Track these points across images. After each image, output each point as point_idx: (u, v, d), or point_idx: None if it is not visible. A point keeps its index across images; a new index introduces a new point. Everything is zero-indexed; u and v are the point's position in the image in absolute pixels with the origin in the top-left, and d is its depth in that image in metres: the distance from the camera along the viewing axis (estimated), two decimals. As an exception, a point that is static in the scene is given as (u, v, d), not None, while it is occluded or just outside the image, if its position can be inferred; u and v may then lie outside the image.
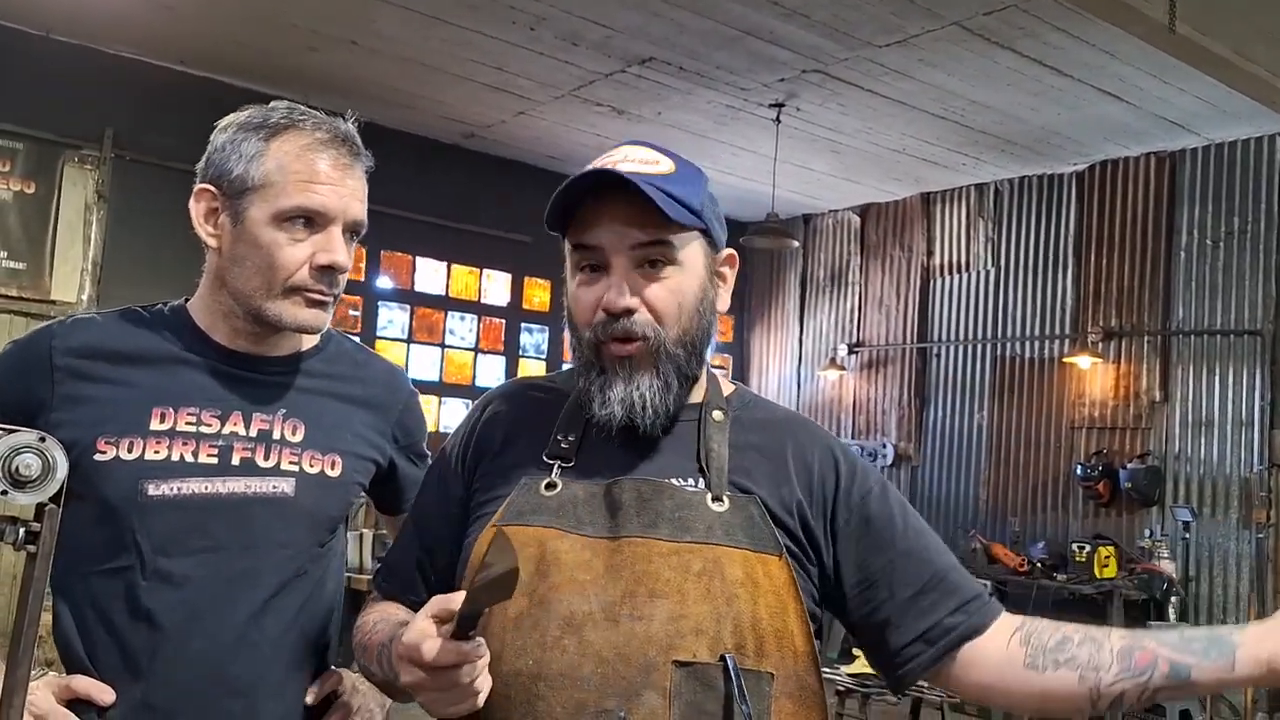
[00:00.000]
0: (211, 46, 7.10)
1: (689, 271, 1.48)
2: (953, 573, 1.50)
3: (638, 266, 1.45)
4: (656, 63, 6.86)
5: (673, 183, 1.45)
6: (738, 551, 1.40)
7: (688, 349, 1.48)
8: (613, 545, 1.41)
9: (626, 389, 1.45)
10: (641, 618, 1.36)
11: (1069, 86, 6.81)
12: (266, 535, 1.67)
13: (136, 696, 1.59)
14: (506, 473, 1.52)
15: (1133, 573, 7.51)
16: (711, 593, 1.37)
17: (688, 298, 1.47)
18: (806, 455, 1.53)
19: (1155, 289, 7.98)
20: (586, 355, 1.48)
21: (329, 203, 1.64)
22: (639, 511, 1.42)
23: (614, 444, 1.49)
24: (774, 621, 1.39)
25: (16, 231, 6.99)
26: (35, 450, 0.97)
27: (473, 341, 9.22)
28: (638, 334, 1.44)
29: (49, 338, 1.69)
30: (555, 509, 1.45)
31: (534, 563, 1.40)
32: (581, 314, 1.49)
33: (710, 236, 1.51)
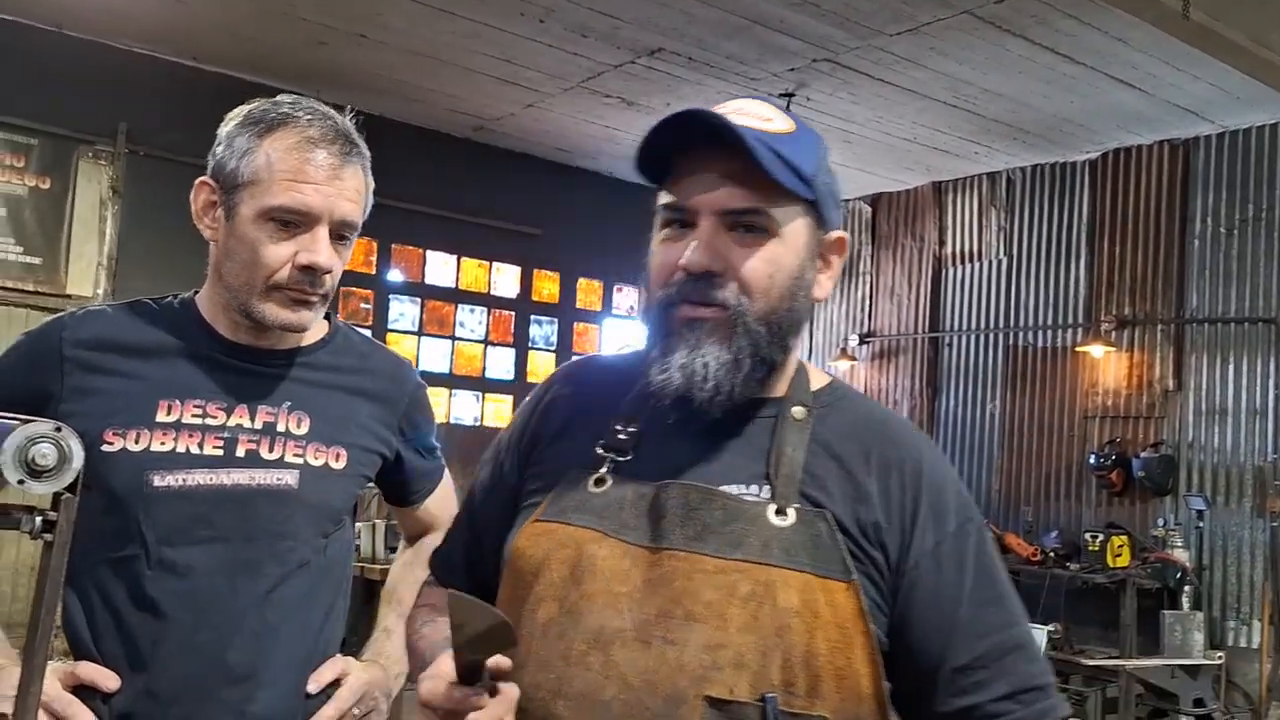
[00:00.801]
0: (223, 41, 7.11)
1: (789, 246, 1.30)
2: (1015, 654, 1.28)
3: (730, 229, 1.28)
4: (666, 53, 6.86)
5: (786, 143, 1.28)
6: (796, 575, 1.21)
7: (770, 329, 1.30)
8: (654, 557, 1.25)
9: (690, 355, 1.28)
10: (674, 642, 1.20)
11: (1081, 74, 6.78)
12: (270, 527, 1.69)
13: (140, 684, 1.61)
14: (559, 462, 1.39)
15: (1146, 562, 7.48)
16: (759, 621, 1.20)
17: (782, 273, 1.30)
18: (892, 471, 1.31)
19: (1169, 277, 7.95)
20: (656, 316, 1.32)
21: (313, 202, 1.64)
22: (684, 521, 1.25)
23: (678, 438, 1.33)
24: (834, 658, 1.20)
25: (32, 226, 7.02)
26: (51, 440, 0.98)
27: (483, 334, 9.22)
28: (714, 299, 1.28)
29: (59, 329, 1.71)
30: (600, 509, 1.30)
31: (569, 566, 1.27)
32: (659, 272, 1.32)
33: (820, 211, 1.34)
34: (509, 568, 1.34)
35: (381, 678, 1.82)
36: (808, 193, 1.30)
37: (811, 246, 1.34)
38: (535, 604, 1.27)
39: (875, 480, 1.30)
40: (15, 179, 6.98)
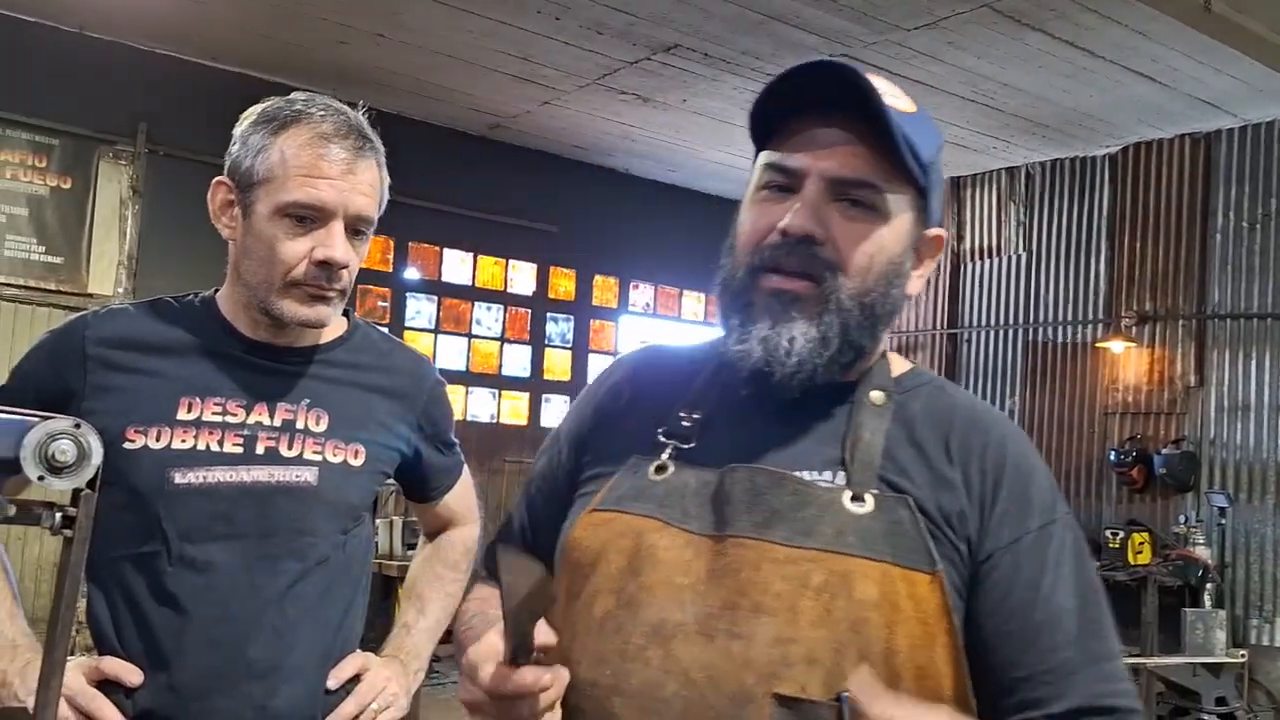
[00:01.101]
0: (241, 41, 7.14)
1: (894, 231, 1.22)
2: (1091, 669, 1.15)
3: (836, 200, 1.19)
4: (681, 50, 6.85)
5: (909, 123, 1.19)
6: (875, 565, 1.12)
7: (863, 310, 1.21)
8: (718, 545, 1.17)
9: (775, 328, 1.19)
10: (741, 636, 1.12)
11: (1101, 68, 6.74)
12: (289, 523, 1.70)
13: (162, 679, 1.63)
14: (618, 449, 1.30)
15: (1167, 559, 7.45)
16: (833, 614, 1.11)
17: (884, 252, 1.21)
18: (973, 459, 1.22)
19: (1190, 272, 7.91)
20: (739, 284, 1.23)
21: (328, 197, 1.64)
22: (751, 507, 1.17)
23: (746, 424, 1.25)
24: (915, 655, 1.11)
25: (54, 226, 7.06)
26: (71, 436, 0.98)
27: (499, 331, 9.23)
28: (808, 268, 1.19)
29: (82, 327, 1.72)
30: (661, 497, 1.22)
31: (627, 556, 1.19)
32: (748, 236, 1.23)
33: (927, 203, 1.25)
34: (564, 559, 1.26)
35: (401, 673, 1.83)
36: (923, 179, 1.22)
37: (913, 238, 1.25)
38: (591, 597, 1.20)
39: (957, 468, 1.21)
40: (37, 179, 7.02)
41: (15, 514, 0.98)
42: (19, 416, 0.97)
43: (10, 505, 0.97)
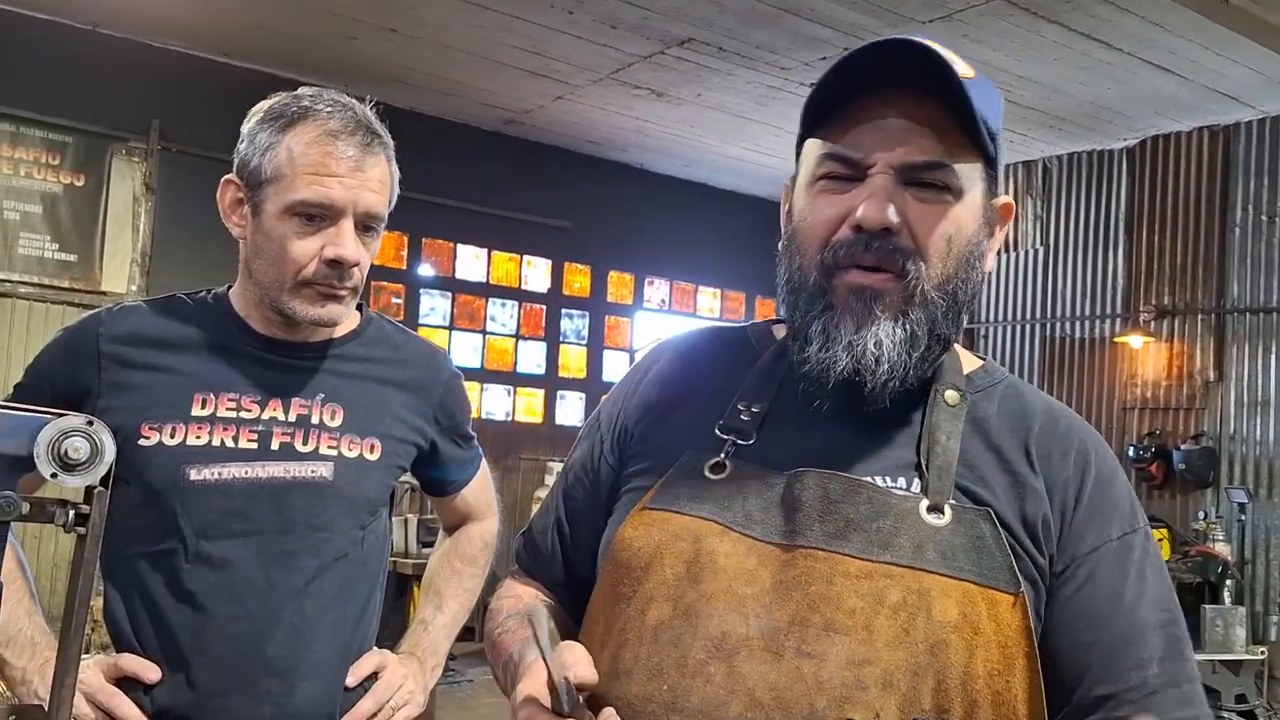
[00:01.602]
0: (254, 37, 7.15)
1: (968, 209, 1.14)
2: (1169, 691, 1.09)
3: (907, 185, 1.12)
4: (695, 43, 6.84)
5: (976, 91, 1.10)
6: (956, 583, 1.05)
7: (949, 301, 1.14)
8: (786, 556, 1.09)
9: (861, 331, 1.11)
10: (811, 655, 1.04)
11: (1118, 60, 6.71)
12: (305, 519, 1.69)
13: (180, 676, 1.63)
14: (669, 442, 1.22)
15: (1187, 555, 7.42)
16: (911, 635, 1.03)
17: (961, 238, 1.14)
18: (1054, 464, 1.16)
19: (1209, 266, 7.88)
20: (814, 284, 1.15)
21: (336, 195, 1.63)
22: (823, 515, 1.09)
23: (812, 422, 1.17)
24: (994, 682, 1.04)
25: (67, 224, 7.09)
26: (84, 434, 0.97)
27: (513, 328, 9.25)
28: (894, 263, 1.11)
29: (96, 325, 1.72)
30: (721, 498, 1.14)
31: (684, 562, 1.11)
32: (814, 230, 1.15)
33: (994, 173, 1.18)
34: (610, 560, 1.17)
35: (418, 671, 1.83)
36: (993, 150, 1.15)
37: (986, 212, 1.18)
38: (644, 603, 1.11)
39: (1039, 473, 1.15)
40: (50, 176, 7.04)
41: (29, 511, 0.98)
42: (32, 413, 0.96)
43: (24, 503, 0.97)
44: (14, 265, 6.91)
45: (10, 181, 6.91)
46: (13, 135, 6.91)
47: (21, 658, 1.62)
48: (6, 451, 0.96)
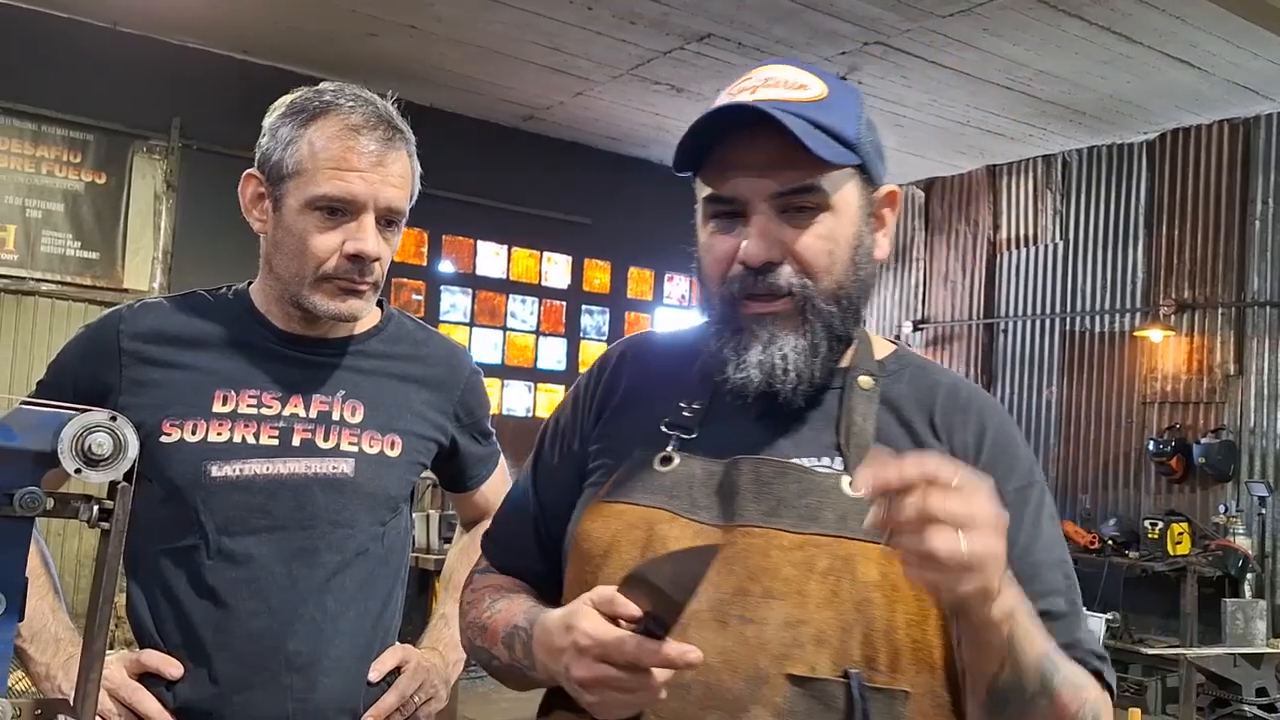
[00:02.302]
0: (274, 34, 7.17)
1: (843, 215, 1.27)
2: (1065, 619, 1.23)
3: (782, 212, 1.24)
4: (715, 39, 6.83)
5: (824, 111, 1.24)
6: (876, 547, 1.16)
7: (841, 305, 1.27)
8: (727, 534, 1.22)
9: (767, 351, 1.25)
10: (753, 620, 1.17)
11: (1138, 53, 6.67)
12: (326, 515, 1.70)
13: (203, 672, 1.64)
14: (622, 439, 1.35)
15: (1207, 550, 7.39)
16: (839, 595, 1.17)
17: (840, 244, 1.26)
18: (956, 432, 1.30)
19: (1229, 260, 7.83)
20: (720, 312, 1.29)
21: (358, 190, 1.64)
22: (757, 496, 1.23)
23: (745, 414, 1.30)
24: (912, 631, 1.17)
25: (89, 222, 7.13)
26: (107, 429, 0.98)
27: (534, 324, 9.25)
28: (782, 289, 1.25)
29: (117, 322, 1.73)
30: (669, 488, 1.27)
31: (639, 547, 1.24)
32: (714, 267, 1.29)
33: (867, 171, 1.30)
34: (574, 550, 1.30)
35: (440, 665, 1.83)
36: (853, 158, 1.26)
37: (865, 208, 1.30)
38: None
39: (944, 442, 1.28)
40: (72, 174, 7.08)
41: (53, 507, 0.99)
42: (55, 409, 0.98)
43: (49, 498, 0.98)
44: (36, 263, 6.96)
45: (32, 180, 6.95)
46: (35, 134, 6.95)
47: (45, 653, 1.63)
48: (31, 447, 0.97)
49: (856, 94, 1.33)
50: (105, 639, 1.01)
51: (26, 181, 6.93)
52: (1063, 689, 1.14)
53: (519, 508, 1.49)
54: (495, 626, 1.34)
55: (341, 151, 1.63)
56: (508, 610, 1.35)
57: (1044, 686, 1.12)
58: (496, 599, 1.40)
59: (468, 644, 1.44)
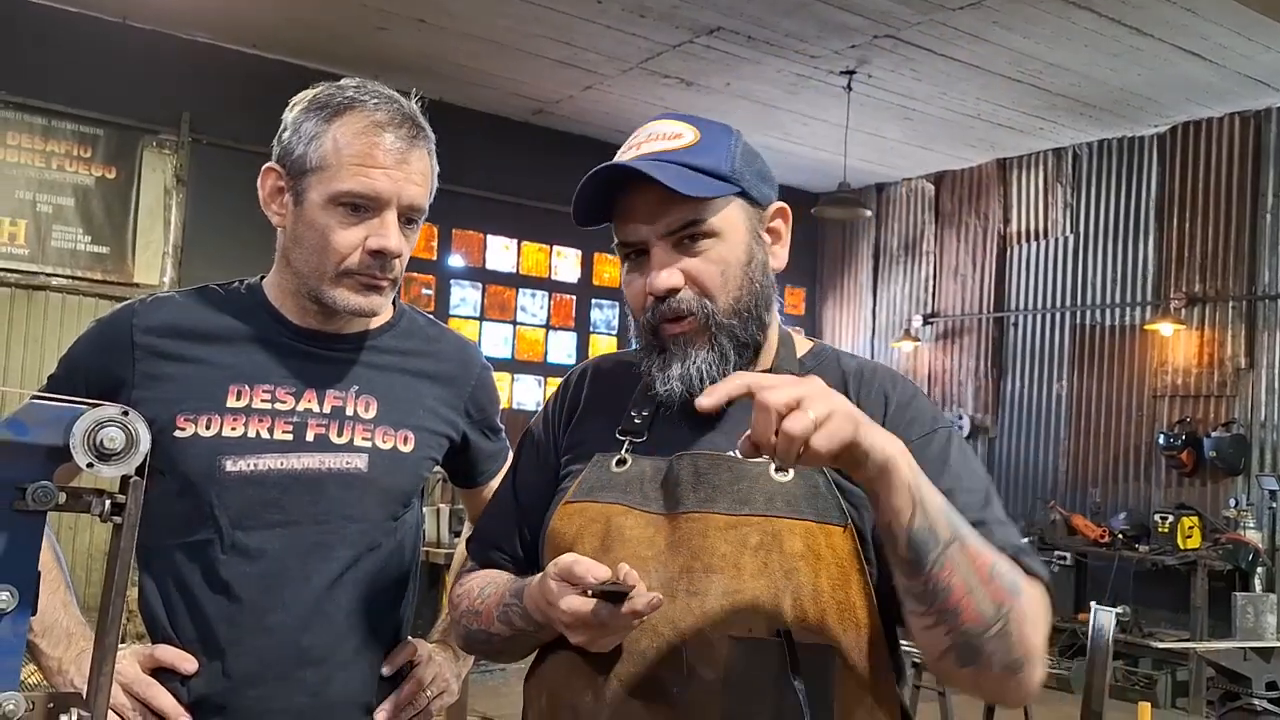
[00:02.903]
0: (283, 29, 7.19)
1: (729, 238, 1.45)
2: (984, 529, 1.33)
3: (676, 246, 1.44)
4: (724, 32, 6.82)
5: (696, 154, 1.43)
6: (799, 523, 1.36)
7: (742, 316, 1.46)
8: (672, 521, 1.41)
9: (684, 365, 1.44)
10: (697, 593, 1.35)
11: (1149, 46, 6.66)
12: (340, 510, 1.70)
13: (217, 666, 1.64)
14: (584, 449, 1.54)
15: (1217, 543, 7.38)
16: (769, 566, 1.34)
17: (731, 265, 1.45)
18: (864, 405, 1.41)
19: (1240, 253, 7.81)
20: (646, 338, 1.49)
21: (382, 187, 1.63)
22: (695, 486, 1.41)
23: (683, 417, 1.46)
24: (836, 594, 1.35)
25: (99, 216, 7.15)
26: (119, 424, 0.98)
27: (544, 318, 9.27)
28: (684, 311, 1.44)
29: (130, 316, 1.73)
30: (623, 485, 1.46)
31: (599, 538, 1.42)
32: (634, 300, 1.49)
33: (748, 195, 1.48)
34: (548, 547, 1.49)
35: (452, 659, 1.83)
36: (728, 189, 1.44)
37: (752, 228, 1.48)
38: None
39: None
40: (82, 169, 7.10)
41: (65, 501, 0.99)
42: (67, 404, 0.98)
43: (60, 493, 0.98)
44: (47, 258, 6.98)
45: (43, 175, 6.98)
46: (45, 128, 6.97)
47: (57, 648, 1.63)
48: (43, 442, 0.97)
49: (730, 132, 1.51)
50: (117, 633, 1.01)
51: (37, 176, 6.95)
52: (970, 539, 1.26)
53: (502, 512, 1.66)
54: (488, 609, 1.50)
55: (366, 148, 1.63)
56: (496, 592, 1.51)
57: (955, 534, 1.24)
58: (485, 586, 1.55)
59: (463, 633, 1.58)
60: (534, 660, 1.52)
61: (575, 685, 1.39)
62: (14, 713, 0.96)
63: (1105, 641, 3.97)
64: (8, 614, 0.97)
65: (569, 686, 1.40)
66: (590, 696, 1.37)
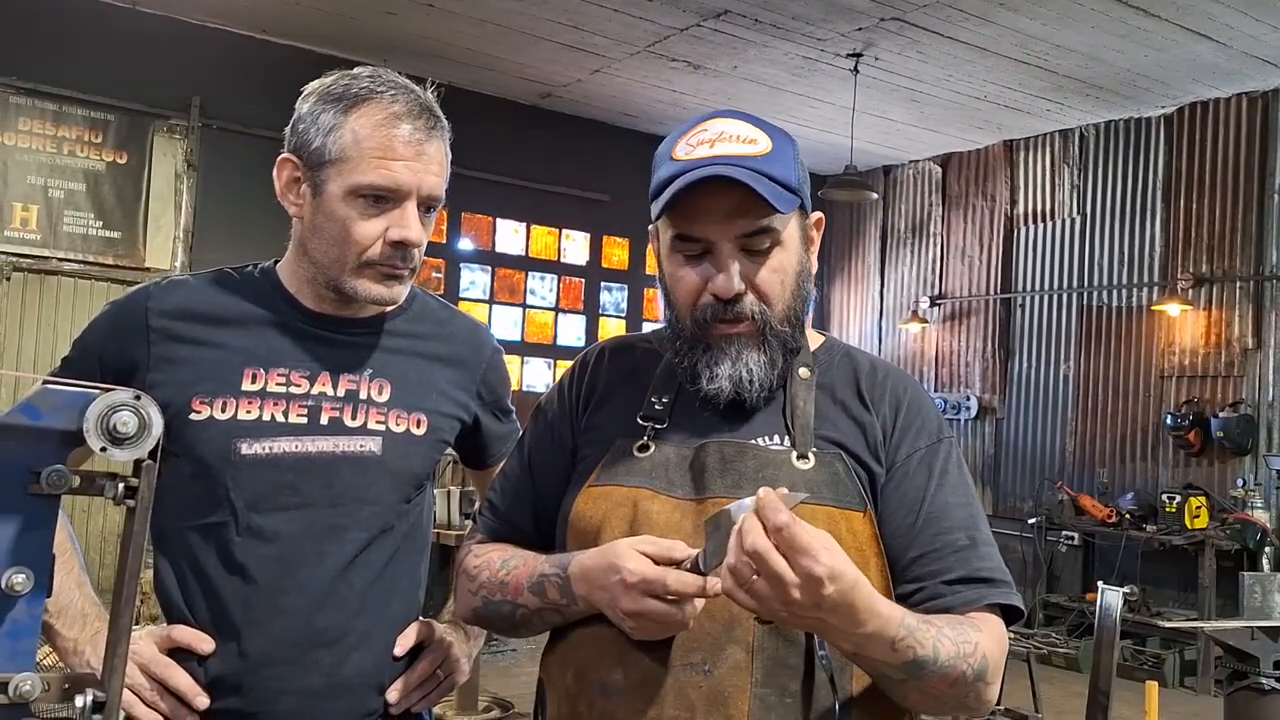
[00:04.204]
0: (292, 13, 7.19)
1: (789, 248, 1.49)
2: (969, 549, 1.45)
3: (742, 250, 1.46)
4: (731, 15, 6.81)
5: (772, 163, 1.45)
6: (821, 509, 1.40)
7: (792, 323, 1.51)
8: (699, 506, 1.43)
9: (735, 366, 1.47)
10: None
11: (1156, 27, 6.63)
12: (354, 492, 1.71)
13: (233, 647, 1.65)
14: (604, 429, 1.57)
15: (1225, 523, 7.38)
16: None
17: (790, 275, 1.50)
18: (878, 402, 1.54)
19: (1247, 233, 7.78)
20: (690, 333, 1.50)
21: (402, 178, 1.64)
22: (722, 473, 1.45)
23: (704, 406, 1.51)
24: None
25: (111, 201, 7.17)
26: (131, 408, 0.99)
27: (553, 301, 9.27)
28: (746, 315, 1.47)
29: (144, 299, 1.73)
30: (648, 470, 1.49)
31: (627, 522, 1.45)
32: (684, 295, 1.50)
33: (803, 205, 1.52)
34: (571, 530, 1.51)
35: (463, 640, 1.84)
36: (797, 201, 1.47)
37: (804, 237, 1.54)
38: None
39: (870, 410, 1.53)
40: (94, 154, 7.12)
41: (79, 485, 0.99)
42: (80, 389, 0.99)
43: (74, 476, 0.99)
44: (59, 243, 7.01)
45: (54, 160, 7.00)
46: (56, 114, 6.99)
47: (73, 629, 1.64)
48: (57, 426, 0.97)
49: (793, 142, 1.53)
50: (131, 614, 1.03)
51: (48, 162, 6.98)
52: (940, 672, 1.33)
53: (515, 488, 1.66)
54: (517, 580, 1.52)
55: (386, 140, 1.63)
56: (525, 564, 1.53)
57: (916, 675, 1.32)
58: (508, 558, 1.57)
59: (480, 604, 1.59)
60: (551, 637, 1.55)
61: (605, 662, 1.42)
62: (30, 693, 0.97)
63: (1113, 621, 3.98)
64: (23, 596, 0.98)
65: (599, 663, 1.42)
66: (620, 673, 1.40)
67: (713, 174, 1.42)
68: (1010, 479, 9.19)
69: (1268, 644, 6.65)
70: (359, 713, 1.72)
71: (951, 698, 1.38)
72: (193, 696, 1.63)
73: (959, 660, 1.34)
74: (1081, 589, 8.06)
